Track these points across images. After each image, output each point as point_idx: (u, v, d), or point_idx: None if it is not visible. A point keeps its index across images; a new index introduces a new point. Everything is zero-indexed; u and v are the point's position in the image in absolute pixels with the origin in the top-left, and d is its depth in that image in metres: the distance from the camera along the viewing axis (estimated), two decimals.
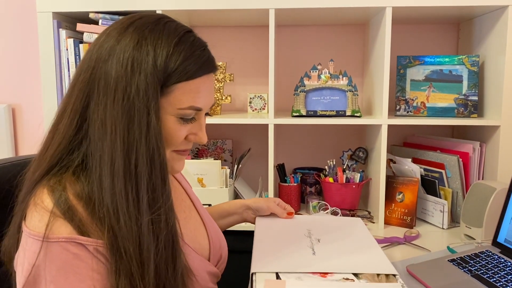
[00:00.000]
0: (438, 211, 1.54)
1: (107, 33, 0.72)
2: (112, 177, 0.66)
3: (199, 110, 0.75)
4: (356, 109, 1.57)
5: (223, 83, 1.66)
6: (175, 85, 0.70)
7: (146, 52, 0.68)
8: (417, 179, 1.56)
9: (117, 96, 0.67)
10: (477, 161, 1.57)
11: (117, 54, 0.68)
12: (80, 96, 0.70)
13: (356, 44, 1.87)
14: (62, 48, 1.54)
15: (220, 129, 1.92)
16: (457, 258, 1.15)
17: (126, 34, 0.70)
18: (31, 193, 0.70)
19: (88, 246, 0.65)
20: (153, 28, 0.71)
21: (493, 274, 1.05)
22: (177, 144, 0.75)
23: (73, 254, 0.64)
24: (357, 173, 1.65)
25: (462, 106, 1.58)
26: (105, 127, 0.67)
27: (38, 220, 0.65)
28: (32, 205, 0.67)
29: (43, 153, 0.72)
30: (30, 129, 1.97)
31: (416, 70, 1.62)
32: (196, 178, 1.60)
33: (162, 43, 0.69)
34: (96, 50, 0.71)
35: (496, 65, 1.51)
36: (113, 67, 0.68)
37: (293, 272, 0.86)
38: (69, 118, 0.70)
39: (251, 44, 1.88)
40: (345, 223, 1.21)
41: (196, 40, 0.75)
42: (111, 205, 0.66)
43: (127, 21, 0.73)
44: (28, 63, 1.94)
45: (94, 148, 0.68)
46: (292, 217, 1.20)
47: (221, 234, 0.99)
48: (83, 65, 0.72)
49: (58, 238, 0.64)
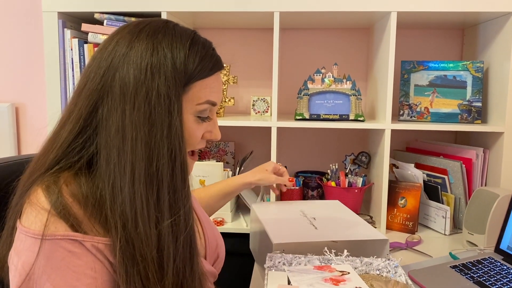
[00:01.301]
0: (440, 217, 1.53)
1: (115, 41, 0.71)
2: (133, 183, 0.66)
3: (213, 105, 0.77)
4: (359, 114, 1.57)
5: (226, 85, 1.66)
6: (194, 83, 0.73)
7: (163, 56, 0.69)
8: (419, 184, 1.55)
9: (137, 103, 0.67)
10: (480, 167, 1.56)
11: (134, 61, 0.68)
12: (86, 104, 0.69)
13: (360, 48, 1.87)
14: (67, 48, 1.54)
15: (223, 131, 1.90)
16: (459, 264, 1.14)
17: (139, 40, 0.70)
18: (26, 194, 0.69)
19: (85, 243, 0.65)
20: (165, 32, 0.72)
21: (495, 281, 1.04)
22: (195, 143, 0.77)
23: (69, 252, 0.64)
24: (359, 178, 1.65)
25: (466, 112, 1.57)
26: (124, 133, 0.67)
27: (34, 218, 0.65)
28: (28, 204, 0.67)
29: (42, 158, 0.72)
30: (33, 128, 1.97)
31: (420, 75, 1.61)
32: (198, 180, 1.60)
33: (177, 46, 0.71)
34: (105, 58, 0.70)
35: (500, 72, 1.51)
36: (131, 73, 0.68)
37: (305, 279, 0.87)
38: (72, 124, 0.70)
39: (255, 46, 1.88)
40: (328, 204, 1.39)
41: (204, 40, 0.77)
42: (130, 211, 0.66)
43: (136, 28, 0.72)
44: (33, 62, 1.94)
45: (108, 154, 0.67)
46: (293, 182, 1.36)
47: (218, 234, 0.99)
48: (89, 74, 0.71)
49: (54, 235, 0.63)
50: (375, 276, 0.90)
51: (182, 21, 1.67)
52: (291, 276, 0.88)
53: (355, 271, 0.91)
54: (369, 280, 0.88)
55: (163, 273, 0.68)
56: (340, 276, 0.88)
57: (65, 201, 0.65)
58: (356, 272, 0.91)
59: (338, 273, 0.89)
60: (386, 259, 0.95)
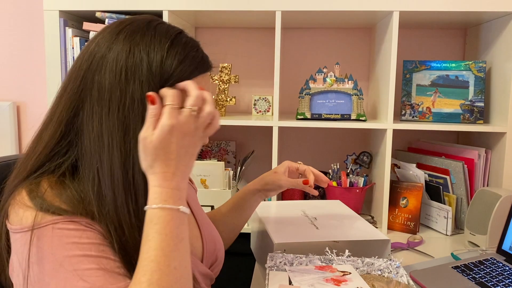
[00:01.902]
0: (442, 217, 1.53)
1: (96, 42, 0.70)
2: (113, 190, 0.66)
3: None
4: (361, 113, 1.57)
5: (228, 84, 1.66)
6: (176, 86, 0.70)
7: (139, 59, 0.67)
8: (421, 184, 1.54)
9: (112, 107, 0.66)
10: (482, 167, 1.55)
11: (110, 64, 0.67)
12: (67, 106, 0.69)
13: (362, 48, 1.86)
14: (68, 46, 1.54)
15: (224, 131, 1.92)
16: (461, 265, 1.14)
17: (117, 41, 0.69)
18: (11, 196, 0.69)
19: (80, 221, 0.64)
20: (144, 33, 0.70)
21: (497, 282, 1.04)
22: None
23: (61, 230, 0.63)
24: (361, 178, 1.64)
25: (468, 112, 1.57)
26: (102, 139, 0.66)
27: (22, 214, 0.64)
28: (13, 205, 0.67)
29: (25, 161, 0.72)
30: (34, 127, 1.96)
31: (422, 75, 1.61)
32: (199, 179, 1.60)
33: (155, 48, 0.68)
34: (86, 59, 0.70)
35: (503, 72, 1.50)
36: (106, 77, 0.67)
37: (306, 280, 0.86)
38: (54, 128, 0.70)
39: (257, 46, 1.88)
40: (329, 204, 1.39)
41: (188, 40, 0.74)
42: (116, 218, 0.66)
43: (117, 28, 0.71)
44: (34, 61, 1.94)
45: (90, 160, 0.67)
46: (308, 184, 1.07)
47: (217, 236, 0.98)
48: (71, 75, 0.71)
49: (45, 223, 0.63)
50: (377, 277, 0.90)
51: (184, 20, 1.67)
52: (292, 276, 0.87)
53: (357, 271, 0.91)
54: (370, 280, 0.87)
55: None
56: (342, 276, 0.88)
57: (51, 201, 0.65)
58: (357, 272, 0.90)
59: (339, 273, 0.89)
60: (388, 260, 0.95)
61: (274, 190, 1.12)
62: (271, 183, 1.10)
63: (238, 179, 1.69)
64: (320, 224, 1.16)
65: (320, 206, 1.35)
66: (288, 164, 1.13)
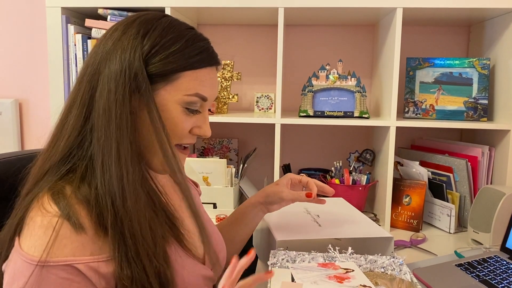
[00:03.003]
0: (445, 215, 1.52)
1: (114, 28, 0.75)
2: (119, 159, 0.68)
3: (204, 100, 0.77)
4: (364, 110, 1.56)
5: (230, 81, 1.65)
6: (182, 73, 0.73)
7: (150, 40, 0.71)
8: (424, 182, 1.54)
9: (121, 81, 0.69)
10: (486, 165, 1.55)
11: (122, 43, 0.71)
12: (88, 88, 0.72)
13: (365, 44, 1.85)
14: (70, 43, 1.54)
15: (226, 128, 1.91)
16: (464, 263, 1.13)
17: (132, 26, 0.73)
18: (34, 191, 0.69)
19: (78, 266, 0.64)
20: (159, 22, 0.74)
21: (501, 280, 1.03)
22: (182, 136, 0.76)
23: (61, 278, 0.63)
24: (363, 175, 1.64)
25: (472, 110, 1.56)
26: (110, 112, 0.69)
27: (34, 242, 0.64)
28: (34, 215, 0.66)
29: (52, 146, 0.73)
30: (37, 124, 1.97)
31: (426, 72, 1.60)
32: (201, 177, 1.60)
33: (166, 34, 0.73)
34: (103, 44, 0.74)
35: (507, 69, 1.49)
36: (118, 55, 0.70)
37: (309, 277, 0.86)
38: (78, 110, 0.72)
39: (259, 43, 1.87)
40: (332, 201, 1.37)
41: (199, 34, 0.78)
42: (118, 188, 0.67)
43: (133, 17, 0.76)
44: (36, 58, 1.94)
45: (98, 134, 0.69)
46: (311, 198, 1.03)
47: (219, 238, 0.97)
48: (90, 59, 0.74)
49: (47, 262, 0.63)
50: (380, 274, 0.89)
51: (186, 17, 1.67)
52: (294, 273, 0.87)
53: (360, 268, 0.90)
54: (373, 278, 0.87)
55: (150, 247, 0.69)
56: (344, 273, 0.87)
57: (75, 212, 0.66)
58: (360, 269, 0.90)
59: (342, 271, 0.88)
60: (391, 257, 0.94)
61: (276, 203, 1.07)
62: (272, 195, 1.06)
63: (240, 177, 1.69)
64: (322, 221, 1.15)
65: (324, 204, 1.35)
66: (290, 176, 1.09)
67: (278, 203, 1.06)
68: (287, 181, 1.07)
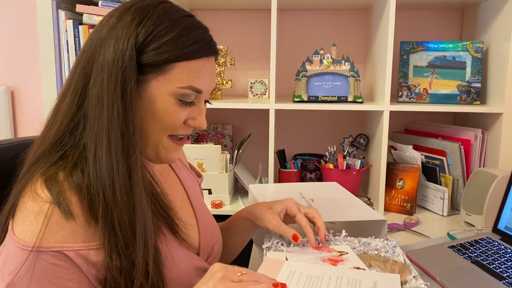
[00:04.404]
0: (438, 198, 1.54)
1: (110, 14, 0.74)
2: (110, 151, 0.68)
3: (198, 92, 0.74)
4: (358, 95, 1.56)
5: (224, 67, 1.65)
6: (175, 64, 0.71)
7: (144, 29, 0.70)
8: (418, 166, 1.55)
9: (113, 70, 0.68)
10: (479, 148, 1.56)
11: (117, 32, 0.70)
12: (82, 75, 0.71)
13: (359, 29, 1.85)
14: (62, 29, 1.52)
15: (220, 114, 1.91)
16: (457, 244, 1.15)
17: (127, 14, 0.71)
18: (27, 176, 0.70)
19: (68, 253, 0.65)
20: (154, 9, 0.72)
21: (493, 260, 1.05)
22: (176, 127, 0.75)
23: (51, 265, 0.64)
24: (357, 160, 1.65)
25: (465, 93, 1.56)
26: (102, 102, 0.68)
27: (26, 227, 0.64)
28: (27, 200, 0.67)
29: (46, 131, 0.73)
30: (29, 112, 1.95)
31: (419, 56, 1.60)
32: (196, 163, 1.60)
33: (161, 22, 0.71)
34: (99, 30, 0.72)
35: (500, 52, 1.49)
36: (112, 44, 0.69)
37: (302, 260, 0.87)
38: (71, 97, 0.71)
39: (253, 28, 1.86)
40: (326, 186, 1.38)
41: (196, 22, 0.75)
42: (108, 179, 0.67)
43: (130, 3, 0.74)
44: (27, 45, 1.91)
45: (91, 123, 0.69)
46: (298, 242, 0.90)
47: (216, 229, 0.97)
48: (86, 45, 0.73)
49: (38, 247, 0.63)
50: (374, 256, 0.90)
51: (178, 2, 1.65)
52: (289, 257, 0.88)
53: (353, 251, 0.92)
54: (367, 260, 0.88)
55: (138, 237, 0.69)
56: (338, 256, 0.88)
57: (66, 199, 0.66)
58: (354, 252, 0.91)
59: (336, 253, 0.89)
60: (385, 240, 0.96)
61: (262, 228, 0.96)
62: (260, 220, 0.95)
63: (235, 163, 1.69)
64: (317, 205, 1.16)
65: (317, 188, 1.36)
66: (288, 205, 0.95)
67: (264, 228, 0.96)
68: (282, 210, 0.95)
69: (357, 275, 0.80)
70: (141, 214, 0.70)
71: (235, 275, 0.68)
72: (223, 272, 0.67)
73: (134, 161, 0.70)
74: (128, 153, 0.69)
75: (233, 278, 0.67)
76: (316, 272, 0.80)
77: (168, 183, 0.90)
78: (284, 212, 0.95)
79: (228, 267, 0.69)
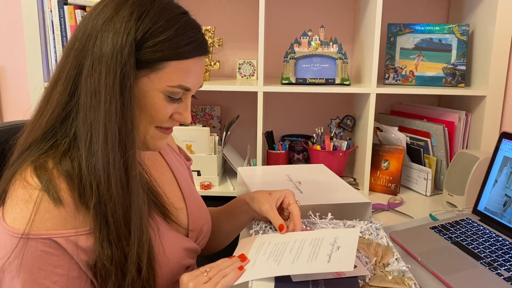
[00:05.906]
0: (422, 178, 1.58)
1: (104, 3, 0.72)
2: (106, 145, 0.68)
3: (187, 90, 0.76)
4: (345, 77, 1.57)
5: (212, 48, 1.64)
6: (168, 63, 0.71)
7: (143, 25, 0.69)
8: (402, 147, 1.58)
9: (112, 65, 0.68)
10: (462, 130, 1.59)
11: (115, 25, 0.69)
12: (75, 64, 0.70)
13: (347, 10, 1.84)
14: (46, 9, 1.49)
15: (208, 96, 1.91)
16: (438, 225, 1.19)
17: (125, 6, 0.70)
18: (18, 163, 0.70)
19: (58, 239, 0.66)
20: (152, 4, 0.72)
21: (471, 241, 1.09)
22: (162, 121, 0.77)
23: (41, 251, 0.66)
24: (344, 141, 1.67)
25: (450, 76, 1.59)
26: (99, 95, 0.68)
27: (17, 214, 0.66)
28: (17, 187, 0.68)
29: (37, 119, 0.73)
30: (14, 92, 1.93)
31: (406, 38, 1.61)
32: (185, 145, 1.61)
33: (158, 20, 0.70)
34: (93, 19, 0.71)
35: (485, 35, 1.51)
36: (110, 37, 0.69)
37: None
38: (63, 86, 0.71)
39: (241, 8, 1.84)
40: (313, 168, 1.42)
41: (191, 21, 0.76)
42: (103, 173, 0.68)
43: None
44: (11, 24, 1.87)
45: (86, 116, 0.69)
46: (282, 232, 0.90)
47: (204, 210, 0.99)
48: (78, 33, 0.72)
49: (28, 235, 0.64)
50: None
51: None
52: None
53: None
54: None
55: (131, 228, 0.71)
56: None
57: (56, 187, 0.67)
58: None
59: None
60: (369, 222, 0.99)
61: (256, 211, 0.97)
62: (255, 202, 0.97)
63: (224, 144, 1.70)
64: (304, 188, 1.18)
65: (304, 170, 1.38)
66: (286, 194, 0.96)
67: (257, 212, 0.97)
68: (280, 197, 0.96)
69: (319, 234, 0.86)
70: (137, 210, 0.72)
71: (203, 277, 0.72)
72: (193, 282, 0.71)
73: (131, 156, 0.71)
74: (126, 148, 0.70)
75: (202, 280, 0.71)
76: (283, 239, 0.85)
77: (156, 167, 0.91)
78: (281, 200, 0.96)
79: (194, 273, 0.73)
